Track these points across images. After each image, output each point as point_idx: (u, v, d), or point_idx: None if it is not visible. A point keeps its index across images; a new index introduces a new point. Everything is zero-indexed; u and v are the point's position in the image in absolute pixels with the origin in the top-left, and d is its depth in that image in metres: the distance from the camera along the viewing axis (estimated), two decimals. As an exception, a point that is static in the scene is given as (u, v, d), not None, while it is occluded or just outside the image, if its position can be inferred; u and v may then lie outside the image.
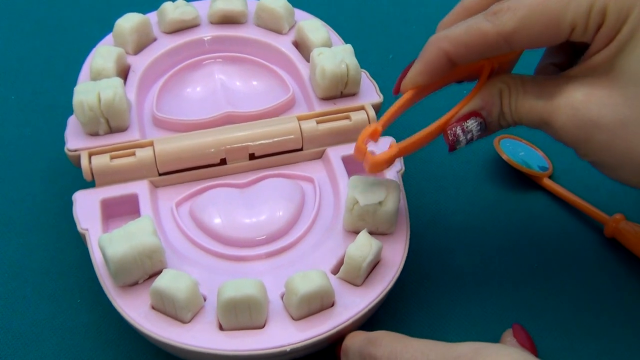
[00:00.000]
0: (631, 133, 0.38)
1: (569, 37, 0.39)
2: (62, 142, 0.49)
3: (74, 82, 0.53)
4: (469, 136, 0.43)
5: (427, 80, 0.43)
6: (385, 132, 0.48)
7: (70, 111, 0.50)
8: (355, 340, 0.43)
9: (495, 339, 0.45)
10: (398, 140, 0.50)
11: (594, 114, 0.38)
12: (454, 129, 0.43)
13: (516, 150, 0.57)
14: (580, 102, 0.39)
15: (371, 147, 0.49)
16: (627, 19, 0.37)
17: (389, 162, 0.44)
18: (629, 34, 0.37)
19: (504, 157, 0.56)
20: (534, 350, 0.44)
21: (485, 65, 0.44)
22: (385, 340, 0.41)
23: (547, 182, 0.56)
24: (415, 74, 0.43)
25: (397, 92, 0.45)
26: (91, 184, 0.48)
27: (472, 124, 0.42)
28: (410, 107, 0.44)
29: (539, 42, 0.39)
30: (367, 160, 0.44)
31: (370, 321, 0.45)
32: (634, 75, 0.37)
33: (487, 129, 0.43)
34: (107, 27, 0.56)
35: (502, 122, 0.42)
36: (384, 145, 0.50)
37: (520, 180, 0.57)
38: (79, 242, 0.49)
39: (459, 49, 0.41)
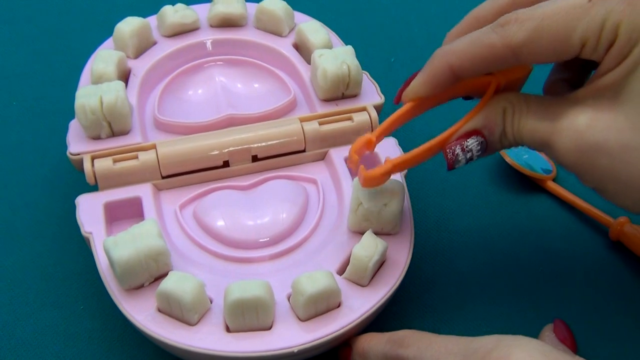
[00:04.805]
0: (635, 158, 0.36)
1: (579, 53, 0.37)
2: (64, 148, 0.49)
3: (74, 87, 0.52)
4: (468, 155, 0.41)
5: (429, 92, 0.42)
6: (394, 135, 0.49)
7: (71, 116, 0.50)
8: (377, 342, 0.42)
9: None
10: (401, 142, 0.50)
11: (598, 138, 0.37)
12: (453, 147, 0.41)
13: (520, 153, 0.56)
14: (584, 125, 0.37)
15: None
16: (639, 41, 0.35)
17: (384, 177, 0.44)
18: None
19: (508, 160, 0.56)
20: (573, 348, 0.44)
21: (491, 82, 0.42)
22: (412, 340, 0.41)
23: (551, 185, 0.55)
24: (417, 84, 0.42)
25: (398, 102, 0.44)
26: (94, 188, 0.48)
27: (472, 143, 0.41)
28: (411, 119, 0.44)
29: (548, 56, 0.38)
30: (360, 175, 0.43)
31: (374, 324, 0.45)
32: None
33: (488, 148, 0.42)
34: (106, 32, 0.56)
35: (504, 142, 0.41)
36: (388, 148, 0.50)
37: (523, 183, 0.56)
38: (82, 248, 0.49)
39: (464, 62, 0.39)
